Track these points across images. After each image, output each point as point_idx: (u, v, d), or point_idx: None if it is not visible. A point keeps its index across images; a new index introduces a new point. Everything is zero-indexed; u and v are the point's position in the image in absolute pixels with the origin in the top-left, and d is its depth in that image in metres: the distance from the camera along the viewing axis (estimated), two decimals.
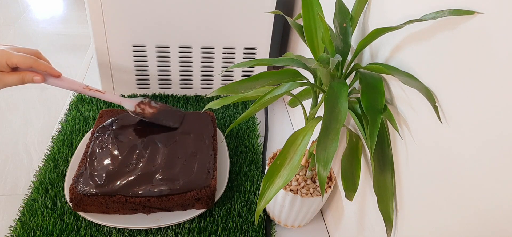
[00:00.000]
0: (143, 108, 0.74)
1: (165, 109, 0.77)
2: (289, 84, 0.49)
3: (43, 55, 0.62)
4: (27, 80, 0.58)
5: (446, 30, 0.39)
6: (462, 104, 0.37)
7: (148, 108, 0.75)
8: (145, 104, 0.75)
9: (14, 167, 0.77)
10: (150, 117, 0.75)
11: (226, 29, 0.88)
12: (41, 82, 0.59)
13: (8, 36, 1.27)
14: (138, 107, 0.74)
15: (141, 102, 0.75)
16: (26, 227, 0.63)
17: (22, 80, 0.58)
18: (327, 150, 0.40)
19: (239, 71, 0.98)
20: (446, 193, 0.40)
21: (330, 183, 0.65)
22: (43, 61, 0.60)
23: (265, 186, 0.48)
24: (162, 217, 0.65)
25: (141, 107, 0.74)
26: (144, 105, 0.74)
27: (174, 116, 0.78)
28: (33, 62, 0.57)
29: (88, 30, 0.85)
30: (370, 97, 0.44)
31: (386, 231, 0.48)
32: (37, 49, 0.61)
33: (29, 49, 0.60)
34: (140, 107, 0.74)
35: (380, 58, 0.52)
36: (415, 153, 0.45)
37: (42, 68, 0.59)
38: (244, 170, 0.78)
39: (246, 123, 0.91)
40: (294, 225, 0.70)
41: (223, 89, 0.55)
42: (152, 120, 0.75)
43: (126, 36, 0.85)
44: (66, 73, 0.65)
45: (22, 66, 0.57)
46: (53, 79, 0.62)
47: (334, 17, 0.54)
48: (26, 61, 0.56)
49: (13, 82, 0.57)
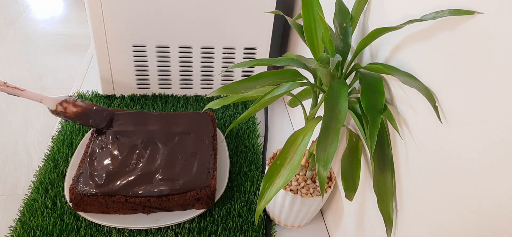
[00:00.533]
0: (66, 107, 0.70)
1: (90, 109, 0.74)
2: (289, 84, 0.49)
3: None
4: None
5: (446, 30, 0.38)
6: (462, 105, 0.37)
7: (71, 107, 0.71)
8: (68, 103, 0.71)
9: (14, 167, 0.77)
10: (73, 117, 0.72)
11: (226, 29, 0.88)
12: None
13: (8, 36, 1.27)
14: (60, 106, 0.70)
15: (64, 101, 0.71)
16: (26, 227, 0.63)
17: None
18: (327, 150, 0.40)
19: (239, 71, 0.98)
20: (446, 193, 0.40)
21: (330, 183, 0.65)
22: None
23: (265, 186, 0.48)
24: (162, 217, 0.65)
25: (63, 106, 0.70)
26: (67, 104, 0.71)
27: (100, 116, 0.74)
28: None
29: (88, 30, 0.85)
30: (370, 97, 0.44)
31: (386, 231, 0.48)
32: None
33: None
34: (62, 106, 0.70)
35: (380, 58, 0.52)
36: (415, 153, 0.45)
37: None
38: (244, 170, 0.78)
39: (246, 123, 0.91)
40: (294, 225, 0.70)
41: (223, 89, 0.55)
42: (75, 119, 0.72)
43: (126, 36, 0.85)
44: (66, 73, 0.65)
45: None
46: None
47: (334, 17, 0.54)
48: None
49: None
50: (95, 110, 0.74)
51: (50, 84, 1.03)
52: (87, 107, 0.73)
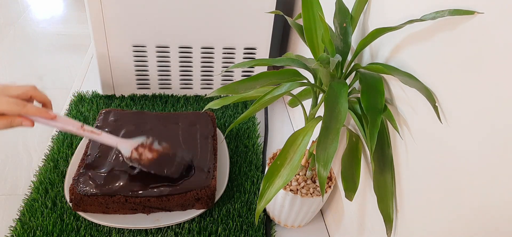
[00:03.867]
0: (141, 153, 0.64)
1: (167, 155, 0.66)
2: (289, 84, 0.49)
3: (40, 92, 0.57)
4: (15, 124, 0.52)
5: (446, 30, 0.38)
6: (462, 104, 0.37)
7: (147, 152, 0.64)
8: (144, 147, 0.64)
9: (14, 167, 0.77)
10: (147, 166, 0.64)
11: (226, 29, 0.88)
12: (31, 126, 0.54)
13: (8, 36, 1.27)
14: (135, 152, 0.64)
15: (141, 146, 0.64)
16: (26, 227, 0.63)
17: (10, 125, 0.53)
18: (327, 150, 0.40)
19: (239, 71, 0.98)
20: (446, 192, 0.40)
21: (330, 183, 0.65)
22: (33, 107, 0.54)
23: (265, 186, 0.48)
24: (162, 217, 0.65)
25: (139, 151, 0.64)
26: (144, 149, 0.64)
27: (178, 164, 0.67)
28: (21, 109, 0.52)
29: (88, 30, 0.85)
30: (370, 97, 0.44)
31: (386, 231, 0.48)
32: (33, 86, 0.56)
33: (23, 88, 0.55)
34: (138, 151, 0.64)
35: (380, 58, 0.52)
36: (415, 153, 0.45)
37: (31, 113, 0.54)
38: (244, 170, 0.78)
39: (246, 123, 0.91)
40: (294, 225, 0.70)
41: (223, 89, 0.55)
42: (149, 169, 0.65)
43: (126, 36, 0.85)
44: (66, 73, 0.65)
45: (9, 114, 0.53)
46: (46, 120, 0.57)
47: (334, 17, 0.54)
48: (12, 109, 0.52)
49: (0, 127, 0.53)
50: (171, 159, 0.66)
51: (50, 84, 1.03)
52: (162, 153, 0.65)
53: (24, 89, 0.55)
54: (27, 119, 0.54)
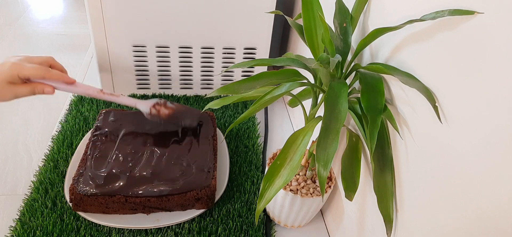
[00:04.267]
0: (159, 109, 0.72)
1: (181, 109, 0.75)
2: (289, 84, 0.49)
3: (57, 62, 0.62)
4: (38, 91, 0.59)
5: (446, 30, 0.38)
6: (462, 104, 0.37)
7: (163, 109, 0.72)
8: (160, 106, 0.72)
9: (14, 167, 0.77)
10: (166, 119, 0.73)
11: (226, 29, 0.88)
12: (51, 93, 0.60)
13: (8, 36, 1.27)
14: (154, 109, 0.72)
15: (157, 104, 0.72)
16: (26, 227, 0.63)
17: (33, 92, 0.58)
18: (327, 150, 0.40)
19: (239, 71, 0.98)
20: (446, 193, 0.40)
21: (330, 183, 0.65)
22: (55, 71, 0.59)
23: (265, 186, 0.48)
24: (162, 217, 0.65)
25: (156, 108, 0.72)
26: (160, 107, 0.72)
27: (191, 115, 0.76)
28: (45, 73, 0.58)
29: (88, 30, 0.85)
30: (370, 97, 0.44)
31: (386, 231, 0.48)
32: (51, 56, 0.61)
33: (42, 57, 0.60)
34: (156, 108, 0.72)
35: (380, 58, 0.52)
36: (415, 153, 0.45)
37: (54, 78, 0.59)
38: (244, 170, 0.78)
39: (246, 123, 0.91)
40: (294, 225, 0.70)
41: (223, 89, 0.55)
42: (169, 120, 0.73)
43: (126, 36, 0.85)
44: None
45: (33, 78, 0.57)
46: (67, 86, 0.62)
47: (334, 17, 0.54)
48: (37, 73, 0.57)
49: (24, 94, 0.58)
50: (185, 111, 0.76)
51: None
52: (177, 108, 0.74)
53: (44, 58, 0.61)
54: (48, 85, 0.59)
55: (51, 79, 0.59)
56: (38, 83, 0.58)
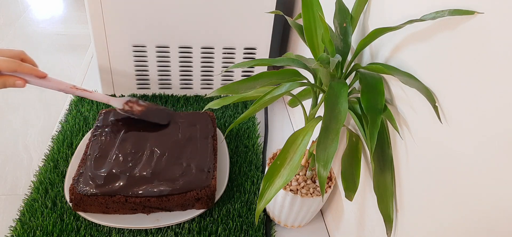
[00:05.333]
0: (131, 106, 0.76)
1: (153, 108, 0.79)
2: (289, 84, 0.49)
3: (28, 56, 0.61)
4: (9, 84, 0.57)
5: (446, 30, 0.38)
6: (462, 104, 0.37)
7: (136, 106, 0.76)
8: (133, 103, 0.76)
9: (14, 167, 0.77)
10: (139, 115, 0.76)
11: (226, 29, 0.88)
12: (22, 86, 0.59)
13: (8, 36, 1.27)
14: (126, 106, 0.75)
15: (129, 101, 0.76)
16: (26, 227, 0.63)
17: (4, 85, 0.57)
18: (327, 150, 0.40)
19: (239, 71, 0.98)
20: (446, 193, 0.40)
21: (330, 183, 0.65)
22: (27, 65, 0.58)
23: (265, 186, 0.48)
24: (162, 217, 0.65)
25: (129, 105, 0.76)
26: (132, 104, 0.76)
27: (162, 114, 0.79)
28: (17, 66, 0.56)
29: (88, 30, 0.85)
30: (370, 97, 0.44)
31: (386, 231, 0.48)
32: (22, 50, 0.61)
33: (13, 51, 0.59)
34: (128, 105, 0.76)
35: (380, 58, 0.52)
36: (415, 153, 0.45)
37: (26, 71, 0.58)
38: (244, 170, 0.78)
39: (246, 123, 0.91)
40: (294, 225, 0.70)
41: (223, 89, 0.55)
42: (141, 117, 0.76)
43: (126, 36, 0.85)
44: (66, 73, 0.65)
45: (5, 71, 0.56)
46: (38, 80, 0.61)
47: (334, 17, 0.54)
48: (9, 66, 0.56)
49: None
50: (157, 109, 0.79)
51: None
52: (149, 106, 0.78)
53: (15, 52, 0.60)
54: (19, 78, 0.57)
55: (23, 72, 0.58)
56: (9, 76, 0.57)
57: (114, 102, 0.75)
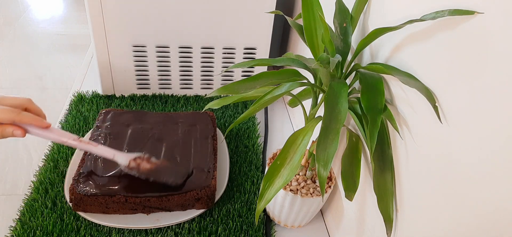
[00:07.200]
0: (139, 163, 0.65)
1: (165, 166, 0.67)
2: (289, 84, 0.49)
3: (35, 105, 0.57)
4: (6, 134, 0.53)
5: (446, 30, 0.39)
6: (462, 105, 0.37)
7: (144, 163, 0.65)
8: (142, 159, 0.65)
9: (14, 167, 0.77)
10: (145, 173, 0.65)
11: (226, 29, 0.88)
12: (22, 136, 0.54)
13: (8, 36, 1.27)
14: (133, 162, 0.64)
15: (138, 157, 0.65)
16: (26, 227, 0.63)
17: (2, 135, 0.52)
18: (327, 150, 0.40)
19: (239, 71, 0.98)
20: (446, 193, 0.40)
21: (330, 183, 0.65)
22: (27, 114, 0.54)
23: (265, 186, 0.48)
24: (162, 217, 0.65)
25: (136, 162, 0.65)
26: (141, 160, 0.65)
27: (176, 172, 0.68)
28: (15, 116, 0.52)
29: (88, 30, 0.85)
30: (370, 97, 0.44)
31: (386, 231, 0.48)
32: (29, 98, 0.56)
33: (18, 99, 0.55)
34: (136, 162, 0.65)
35: (380, 58, 0.52)
36: (415, 153, 0.45)
37: (25, 121, 0.53)
38: (244, 170, 0.78)
39: (246, 123, 0.91)
40: (294, 225, 0.70)
41: (223, 89, 0.55)
42: (148, 176, 0.65)
43: (126, 36, 0.85)
44: (66, 73, 0.65)
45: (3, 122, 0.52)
46: (40, 130, 0.56)
47: (334, 17, 0.54)
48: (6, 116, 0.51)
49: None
50: (170, 167, 0.68)
51: (50, 84, 1.03)
52: (161, 164, 0.67)
53: (19, 100, 0.55)
54: (19, 128, 0.53)
55: (22, 122, 0.53)
56: (8, 125, 0.53)
57: (119, 158, 0.64)
